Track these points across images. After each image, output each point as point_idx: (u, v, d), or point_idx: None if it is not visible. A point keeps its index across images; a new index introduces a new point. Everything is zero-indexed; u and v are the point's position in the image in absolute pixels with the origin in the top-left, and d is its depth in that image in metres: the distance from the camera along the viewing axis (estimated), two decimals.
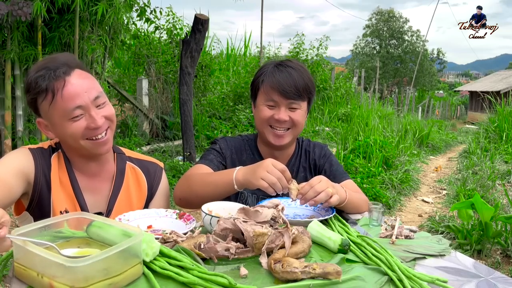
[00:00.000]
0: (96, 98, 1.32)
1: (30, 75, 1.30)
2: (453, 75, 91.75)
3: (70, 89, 1.27)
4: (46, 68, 1.28)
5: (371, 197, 4.79)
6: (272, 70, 1.60)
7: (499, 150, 7.90)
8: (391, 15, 37.06)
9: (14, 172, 1.29)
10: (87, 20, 4.88)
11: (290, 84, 1.55)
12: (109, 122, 1.36)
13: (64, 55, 1.36)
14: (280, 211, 1.18)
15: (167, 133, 7.67)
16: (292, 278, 0.98)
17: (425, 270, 1.12)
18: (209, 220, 1.24)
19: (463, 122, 25.61)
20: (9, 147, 4.80)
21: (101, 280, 0.87)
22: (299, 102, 1.59)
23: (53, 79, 1.26)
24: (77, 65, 1.34)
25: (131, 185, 1.50)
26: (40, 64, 1.31)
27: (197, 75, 8.03)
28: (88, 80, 1.33)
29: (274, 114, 1.58)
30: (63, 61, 1.31)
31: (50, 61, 1.31)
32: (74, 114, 1.28)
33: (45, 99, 1.28)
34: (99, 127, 1.32)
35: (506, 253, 3.58)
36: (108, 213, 1.43)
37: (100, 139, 1.34)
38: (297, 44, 11.50)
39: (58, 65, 1.29)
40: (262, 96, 1.61)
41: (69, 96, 1.27)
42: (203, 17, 5.20)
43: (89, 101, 1.30)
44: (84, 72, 1.34)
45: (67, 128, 1.30)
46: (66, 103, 1.27)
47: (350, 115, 9.83)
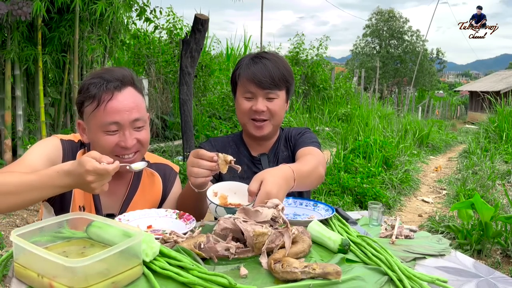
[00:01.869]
0: (136, 120, 1.36)
1: (85, 79, 1.38)
2: (453, 75, 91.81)
3: (115, 104, 1.32)
4: (101, 78, 1.34)
5: (371, 197, 4.79)
6: (248, 62, 1.64)
7: (499, 150, 7.91)
8: (391, 15, 37.06)
9: (43, 160, 1.34)
10: (87, 20, 4.88)
11: (265, 75, 1.59)
12: (139, 146, 1.40)
13: (123, 70, 1.41)
14: (280, 211, 1.18)
15: (167, 133, 7.67)
16: (292, 278, 0.97)
17: (425, 270, 1.12)
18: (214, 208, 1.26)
19: (463, 122, 25.61)
20: (9, 147, 4.80)
21: (101, 281, 0.87)
22: (275, 91, 1.62)
23: (103, 90, 1.32)
24: (131, 83, 1.39)
25: (146, 188, 1.54)
26: (98, 72, 1.39)
27: (197, 75, 8.03)
28: (136, 101, 1.38)
29: (252, 105, 1.62)
30: (119, 76, 1.36)
31: (107, 72, 1.38)
32: (109, 128, 1.33)
33: (90, 105, 1.34)
34: (128, 148, 1.36)
35: (506, 253, 3.58)
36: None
37: (127, 159, 1.38)
38: (297, 44, 11.50)
39: (113, 78, 1.35)
40: (240, 89, 1.66)
41: (111, 110, 1.32)
42: (203, 17, 5.19)
43: (128, 121, 1.34)
44: (136, 92, 1.39)
45: (100, 139, 1.35)
46: (106, 115, 1.32)
47: (350, 115, 9.83)
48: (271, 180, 1.23)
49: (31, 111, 4.94)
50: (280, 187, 1.24)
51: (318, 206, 1.48)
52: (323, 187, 4.99)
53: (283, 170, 1.30)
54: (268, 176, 1.24)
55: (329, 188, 5.00)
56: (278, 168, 1.32)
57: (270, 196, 1.20)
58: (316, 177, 1.48)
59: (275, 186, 1.22)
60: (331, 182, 5.06)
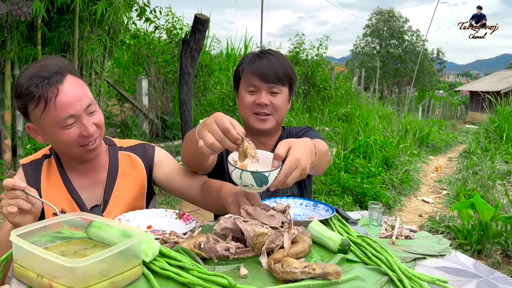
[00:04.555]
0: (88, 106, 1.33)
1: (21, 81, 1.28)
2: (453, 75, 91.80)
3: (63, 98, 1.27)
4: (39, 76, 1.27)
5: (371, 197, 4.79)
6: (252, 57, 1.65)
7: (499, 150, 7.90)
8: (391, 15, 37.07)
9: None
10: (87, 20, 4.88)
11: (269, 69, 1.60)
12: (99, 130, 1.38)
13: (55, 60, 1.34)
14: (288, 214, 1.18)
15: (167, 133, 7.67)
16: (292, 278, 0.97)
17: (425, 270, 1.12)
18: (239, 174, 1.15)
19: (463, 122, 25.60)
20: (9, 147, 4.80)
21: (101, 281, 0.87)
22: (279, 86, 1.62)
23: (46, 88, 1.26)
24: (69, 70, 1.34)
25: (127, 171, 1.52)
26: (32, 70, 1.30)
27: (197, 75, 8.03)
28: (80, 87, 1.33)
29: (256, 99, 1.62)
30: (56, 69, 1.30)
31: (43, 69, 1.30)
32: (66, 123, 1.29)
33: (37, 107, 1.28)
34: (91, 135, 1.34)
35: (506, 253, 3.57)
36: (105, 204, 1.44)
37: (91, 146, 1.37)
38: (297, 44, 11.49)
39: (51, 73, 1.28)
40: (243, 84, 1.66)
41: (62, 105, 1.27)
42: (203, 17, 5.20)
43: (82, 110, 1.31)
44: (76, 78, 1.35)
45: (59, 136, 1.32)
46: (59, 112, 1.27)
47: (350, 115, 9.82)
48: (300, 148, 1.18)
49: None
50: (307, 156, 1.19)
51: (318, 206, 1.48)
52: (323, 187, 4.99)
53: (307, 142, 1.26)
54: (296, 143, 1.20)
55: (329, 188, 5.00)
56: (302, 139, 1.27)
57: (299, 163, 1.15)
58: (327, 161, 1.49)
59: (304, 154, 1.17)
60: (331, 182, 5.06)
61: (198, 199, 1.50)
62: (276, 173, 1.15)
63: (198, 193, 1.49)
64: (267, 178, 1.16)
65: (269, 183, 1.17)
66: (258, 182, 1.16)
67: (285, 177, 1.14)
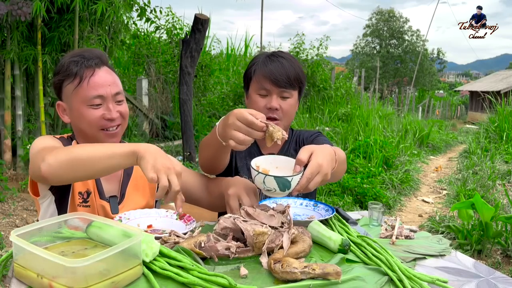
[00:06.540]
0: (117, 94, 1.42)
1: (64, 60, 1.42)
2: (453, 75, 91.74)
3: (97, 79, 1.38)
4: (81, 56, 1.40)
5: (371, 197, 4.79)
6: (264, 60, 1.65)
7: (500, 150, 7.90)
8: (391, 15, 37.04)
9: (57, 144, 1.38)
10: (87, 20, 4.88)
11: (281, 73, 1.60)
12: (122, 119, 1.45)
13: (99, 51, 1.49)
14: (288, 214, 1.18)
15: (167, 133, 7.67)
16: (292, 278, 0.97)
17: (425, 270, 1.12)
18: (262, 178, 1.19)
19: (464, 122, 25.59)
20: (9, 147, 4.80)
21: (101, 281, 0.87)
22: (290, 90, 1.63)
23: (85, 67, 1.38)
24: (108, 62, 1.46)
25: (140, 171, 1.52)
26: (76, 51, 1.44)
27: (197, 75, 8.03)
28: (113, 77, 1.44)
29: (267, 103, 1.62)
30: (98, 55, 1.43)
31: (86, 52, 1.43)
32: (94, 102, 1.38)
33: (71, 83, 1.38)
34: (113, 119, 1.41)
35: (506, 253, 3.58)
36: (121, 197, 1.48)
37: (111, 131, 1.42)
38: (297, 44, 11.48)
39: (93, 56, 1.41)
40: (254, 86, 1.66)
41: (94, 85, 1.37)
42: (203, 17, 5.20)
43: (110, 94, 1.40)
44: (112, 71, 1.47)
45: (85, 114, 1.38)
46: (90, 90, 1.37)
47: (350, 115, 9.81)
48: (321, 154, 1.21)
49: (30, 111, 4.94)
50: (328, 162, 1.22)
51: (318, 206, 1.48)
52: (323, 187, 4.99)
53: (328, 148, 1.29)
54: (318, 149, 1.23)
55: (329, 188, 5.00)
56: (323, 145, 1.30)
57: (321, 169, 1.17)
58: (344, 168, 1.49)
59: (325, 160, 1.20)
60: (331, 182, 5.06)
61: (201, 198, 1.53)
62: (299, 178, 1.18)
63: (202, 191, 1.53)
64: (290, 182, 1.19)
65: (292, 187, 1.20)
66: (281, 186, 1.19)
67: (307, 182, 1.17)
